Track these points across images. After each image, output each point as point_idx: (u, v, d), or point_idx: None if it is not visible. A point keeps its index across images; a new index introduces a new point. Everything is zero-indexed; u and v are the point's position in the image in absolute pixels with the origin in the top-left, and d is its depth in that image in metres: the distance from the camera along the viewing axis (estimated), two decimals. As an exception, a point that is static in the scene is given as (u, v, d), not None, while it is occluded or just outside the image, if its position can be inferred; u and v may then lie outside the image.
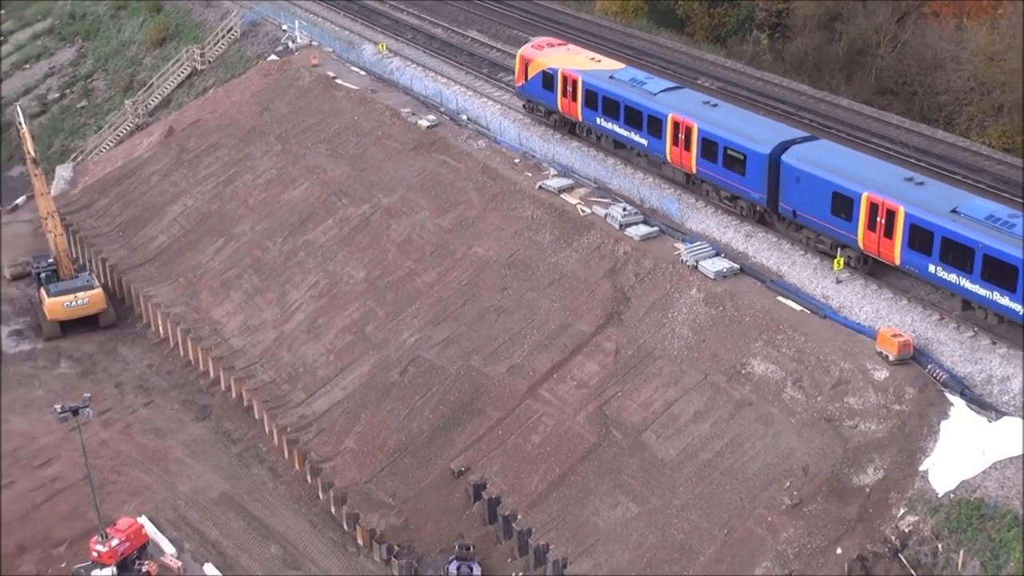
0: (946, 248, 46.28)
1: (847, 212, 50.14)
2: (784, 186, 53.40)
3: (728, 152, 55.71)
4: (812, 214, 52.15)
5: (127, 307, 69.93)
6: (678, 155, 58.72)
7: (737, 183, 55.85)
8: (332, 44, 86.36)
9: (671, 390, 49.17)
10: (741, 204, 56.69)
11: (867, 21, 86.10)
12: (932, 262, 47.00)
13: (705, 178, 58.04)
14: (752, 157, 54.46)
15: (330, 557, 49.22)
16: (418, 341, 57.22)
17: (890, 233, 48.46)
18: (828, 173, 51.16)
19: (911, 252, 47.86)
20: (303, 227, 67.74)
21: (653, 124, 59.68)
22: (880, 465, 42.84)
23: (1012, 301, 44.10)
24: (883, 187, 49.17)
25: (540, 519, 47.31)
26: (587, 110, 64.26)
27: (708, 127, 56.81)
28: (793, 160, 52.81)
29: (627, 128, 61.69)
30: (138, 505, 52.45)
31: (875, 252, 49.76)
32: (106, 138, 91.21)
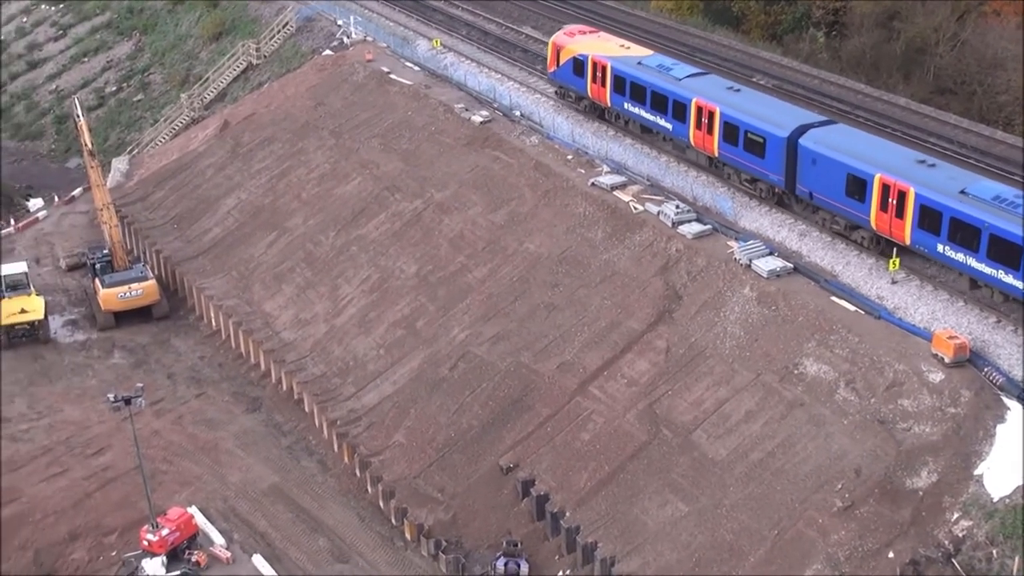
0: (954, 228, 47.47)
1: (861, 194, 51.37)
2: (801, 168, 54.74)
3: (748, 136, 57.16)
4: (827, 196, 53.42)
5: (180, 299, 70.46)
6: (701, 139, 60.26)
7: (757, 166, 57.19)
8: (386, 39, 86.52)
9: (722, 389, 48.80)
10: (760, 186, 58.13)
11: (926, 20, 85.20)
12: (941, 242, 48.16)
13: (727, 161, 59.57)
14: (771, 140, 55.82)
15: (377, 551, 49.31)
16: (468, 337, 57.17)
17: (901, 214, 49.68)
18: (843, 155, 52.49)
19: (921, 232, 49.05)
20: (355, 221, 67.89)
21: (678, 109, 61.30)
22: (934, 468, 42.27)
23: (1016, 279, 45.28)
24: (895, 169, 50.41)
25: (588, 517, 47.12)
26: (615, 95, 65.89)
27: (730, 111, 58.20)
28: (810, 143, 54.17)
29: (653, 113, 63.28)
30: (189, 495, 52.75)
31: (887, 232, 50.87)
32: (162, 131, 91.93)
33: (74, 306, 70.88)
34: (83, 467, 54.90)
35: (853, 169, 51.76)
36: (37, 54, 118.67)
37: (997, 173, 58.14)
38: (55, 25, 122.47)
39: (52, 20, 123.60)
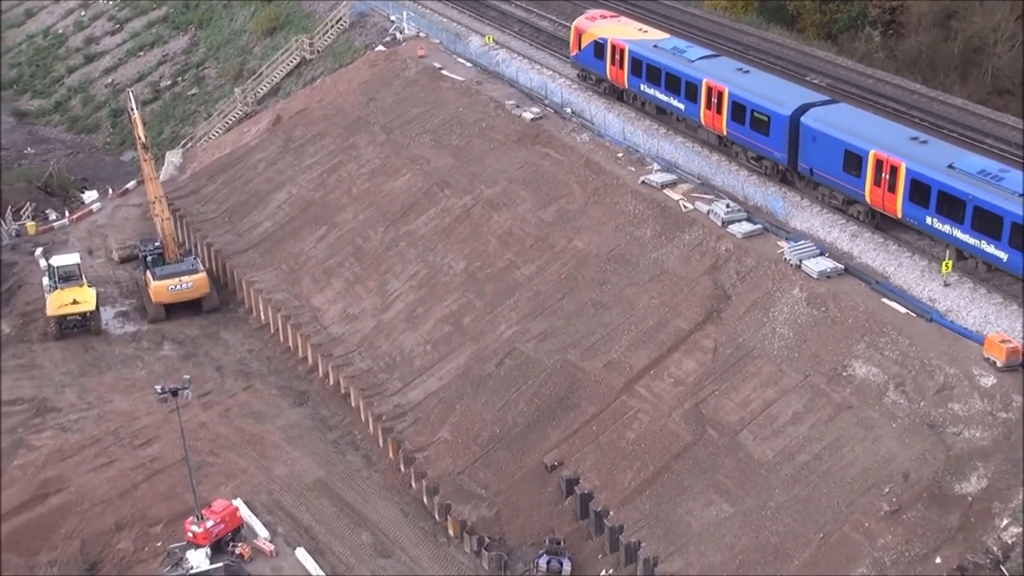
0: (942, 201, 49.66)
1: (857, 169, 53.72)
2: (803, 145, 56.98)
3: (754, 115, 59.38)
4: (827, 171, 55.71)
5: (230, 292, 70.89)
6: (711, 118, 62.49)
7: (762, 143, 59.52)
8: (439, 35, 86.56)
9: (769, 390, 48.34)
10: (766, 163, 60.41)
11: (984, 19, 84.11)
12: (930, 214, 50.39)
13: (735, 140, 61.82)
14: (775, 119, 58.11)
15: (420, 547, 49.29)
16: (515, 334, 57.03)
17: (893, 187, 51.97)
18: (840, 132, 54.77)
19: (911, 205, 51.32)
20: (405, 217, 67.94)
21: (690, 89, 63.51)
22: (984, 474, 41.63)
23: (998, 249, 47.52)
24: (889, 145, 52.73)
25: (632, 516, 46.83)
26: (633, 77, 68.22)
27: (738, 91, 60.43)
28: (811, 121, 56.41)
29: (667, 94, 65.58)
30: (234, 488, 53.02)
31: (880, 206, 53.21)
32: (215, 125, 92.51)
33: (125, 298, 71.52)
34: (131, 458, 55.35)
35: (850, 145, 53.97)
36: (94, 48, 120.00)
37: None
38: (112, 19, 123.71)
39: (109, 14, 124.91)
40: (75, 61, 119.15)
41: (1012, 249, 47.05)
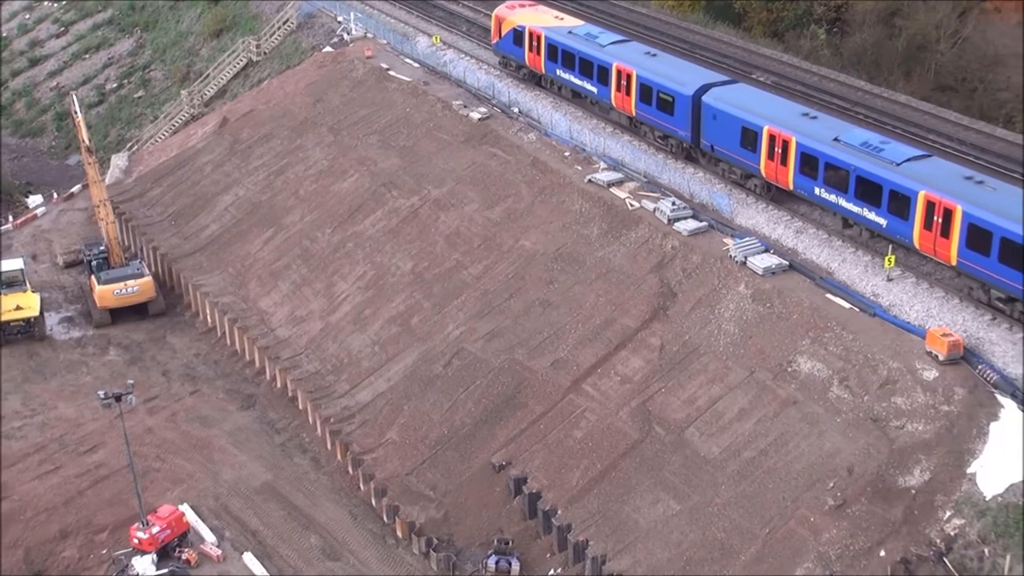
0: (828, 171, 52.64)
1: (753, 144, 56.60)
2: (704, 124, 59.82)
3: (660, 95, 62.06)
4: (726, 148, 58.63)
5: (176, 296, 70.23)
6: (621, 100, 65.13)
7: (668, 123, 62.15)
8: (387, 36, 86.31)
9: (716, 387, 48.52)
10: (671, 142, 63.20)
11: (927, 17, 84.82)
12: (817, 185, 53.40)
13: (643, 120, 64.49)
14: (679, 99, 60.77)
15: (369, 549, 49.06)
16: (463, 334, 56.92)
17: (785, 161, 54.87)
18: (737, 110, 57.72)
19: (802, 177, 54.23)
20: (352, 218, 67.66)
21: (602, 73, 66.13)
22: (927, 467, 41.96)
23: (879, 216, 50.48)
24: (781, 121, 55.67)
25: (580, 515, 46.84)
26: (549, 63, 70.89)
27: (645, 73, 63.10)
28: (711, 100, 59.21)
29: (581, 78, 68.17)
30: (181, 493, 52.53)
31: (774, 179, 56.08)
32: (162, 128, 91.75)
33: (70, 303, 70.72)
34: (75, 464, 54.72)
35: (746, 122, 56.94)
36: (39, 51, 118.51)
37: (996, 170, 57.74)
38: (57, 22, 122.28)
39: (54, 17, 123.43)
40: (19, 64, 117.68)
41: (891, 215, 49.87)
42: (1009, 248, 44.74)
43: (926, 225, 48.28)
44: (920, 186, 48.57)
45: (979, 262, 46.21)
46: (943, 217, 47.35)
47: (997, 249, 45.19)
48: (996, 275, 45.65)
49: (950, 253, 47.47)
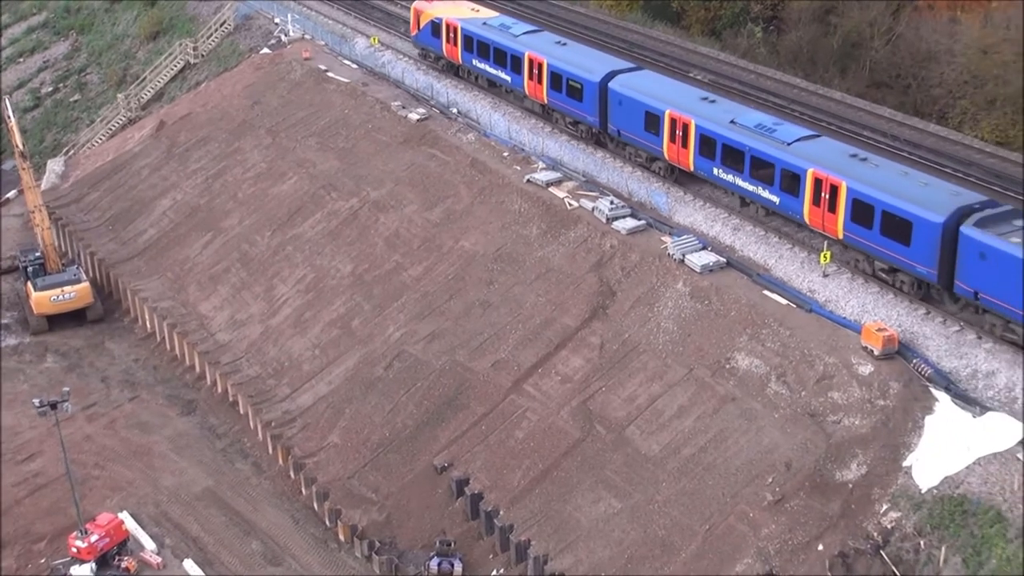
0: (725, 153, 54.61)
1: (656, 128, 58.46)
2: (611, 109, 61.70)
3: (570, 83, 63.87)
4: (632, 132, 60.51)
5: (115, 301, 69.66)
6: (533, 88, 67.01)
7: (577, 109, 63.93)
8: (324, 37, 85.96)
9: (655, 385, 48.78)
10: (581, 128, 65.00)
11: (861, 14, 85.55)
12: (716, 165, 55.37)
13: (555, 107, 66.23)
14: (587, 86, 62.61)
15: (311, 553, 48.92)
16: (403, 336, 56.85)
17: (685, 143, 56.78)
18: (641, 95, 59.55)
19: (701, 158, 56.20)
20: (291, 221, 67.35)
21: (515, 62, 68.07)
22: (863, 461, 42.43)
23: (772, 194, 52.59)
24: (682, 105, 57.60)
25: (522, 515, 46.95)
26: (465, 53, 72.82)
27: (555, 62, 64.93)
28: (617, 86, 61.07)
29: (495, 67, 70.14)
30: (120, 500, 52.15)
31: (676, 161, 58.05)
32: (98, 132, 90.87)
33: (6, 310, 69.88)
34: (12, 473, 54.18)
35: (649, 107, 58.76)
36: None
37: (930, 166, 58.47)
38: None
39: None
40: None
41: (783, 193, 51.98)
42: (890, 221, 47.04)
43: (815, 201, 50.48)
44: (809, 164, 50.76)
45: (863, 235, 48.53)
46: (830, 193, 49.60)
47: (879, 222, 47.54)
48: (878, 247, 48.00)
49: (837, 227, 49.71)
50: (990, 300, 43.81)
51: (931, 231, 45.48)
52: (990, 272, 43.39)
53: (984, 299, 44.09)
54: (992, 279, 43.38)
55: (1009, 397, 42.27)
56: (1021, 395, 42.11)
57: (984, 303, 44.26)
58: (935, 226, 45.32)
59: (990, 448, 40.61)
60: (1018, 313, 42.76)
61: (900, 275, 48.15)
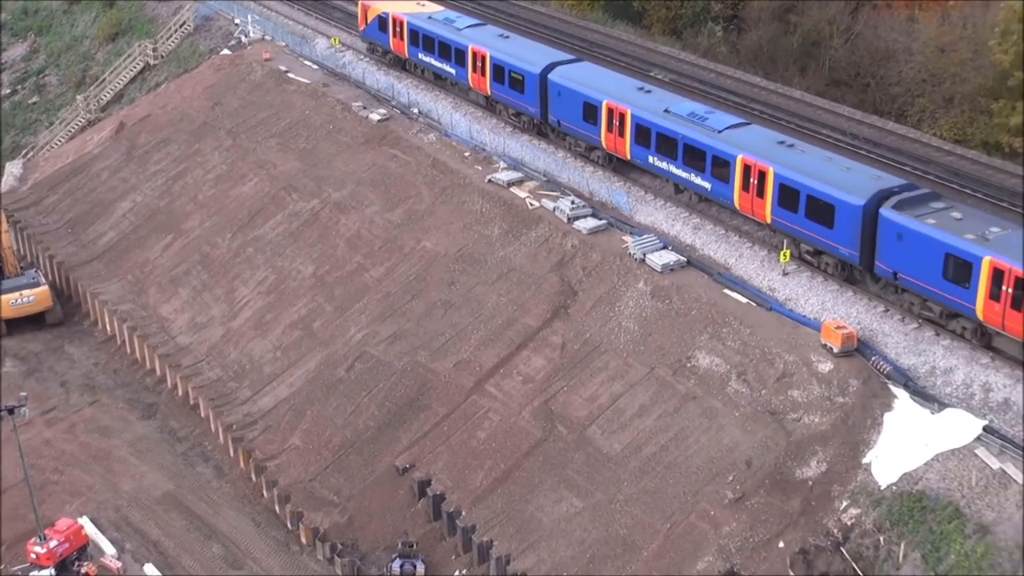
0: (659, 141, 56.01)
1: (593, 118, 59.82)
2: (551, 100, 63.05)
3: (511, 75, 65.33)
4: (570, 122, 61.93)
5: (74, 305, 68.97)
6: (477, 80, 68.41)
7: (519, 100, 65.41)
8: (285, 38, 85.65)
9: (617, 384, 48.84)
10: (523, 118, 66.42)
11: (820, 13, 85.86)
12: (651, 153, 56.79)
13: (498, 99, 67.78)
14: (528, 77, 64.04)
15: (272, 556, 48.63)
16: (365, 337, 56.69)
17: (622, 132, 58.14)
18: (580, 86, 60.90)
19: (637, 147, 57.53)
20: (252, 222, 67.03)
21: (459, 55, 69.47)
22: (823, 458, 42.64)
23: (704, 180, 54.07)
24: (618, 95, 58.91)
25: (484, 515, 46.90)
26: (412, 47, 74.12)
27: (498, 55, 66.31)
28: (556, 77, 62.53)
29: (440, 60, 71.56)
30: (80, 505, 51.65)
31: (613, 149, 59.41)
32: (57, 134, 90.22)
33: (-36, 315, 69.11)
34: (-30, 479, 53.60)
35: (587, 97, 60.09)
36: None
37: (888, 164, 58.86)
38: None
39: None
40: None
41: (714, 179, 53.54)
42: (814, 205, 48.63)
43: (744, 187, 51.99)
44: (738, 151, 52.24)
45: (789, 219, 50.14)
46: (758, 179, 51.11)
47: (804, 206, 49.14)
48: (804, 230, 49.58)
49: (765, 212, 51.30)
50: (908, 280, 45.50)
51: (852, 214, 47.15)
52: (907, 252, 45.07)
53: (903, 279, 45.75)
54: (909, 259, 45.05)
55: (967, 393, 42.60)
56: (978, 391, 42.44)
57: (903, 283, 45.90)
58: (856, 209, 47.03)
59: (948, 444, 40.90)
60: (934, 291, 44.35)
61: (825, 257, 49.74)
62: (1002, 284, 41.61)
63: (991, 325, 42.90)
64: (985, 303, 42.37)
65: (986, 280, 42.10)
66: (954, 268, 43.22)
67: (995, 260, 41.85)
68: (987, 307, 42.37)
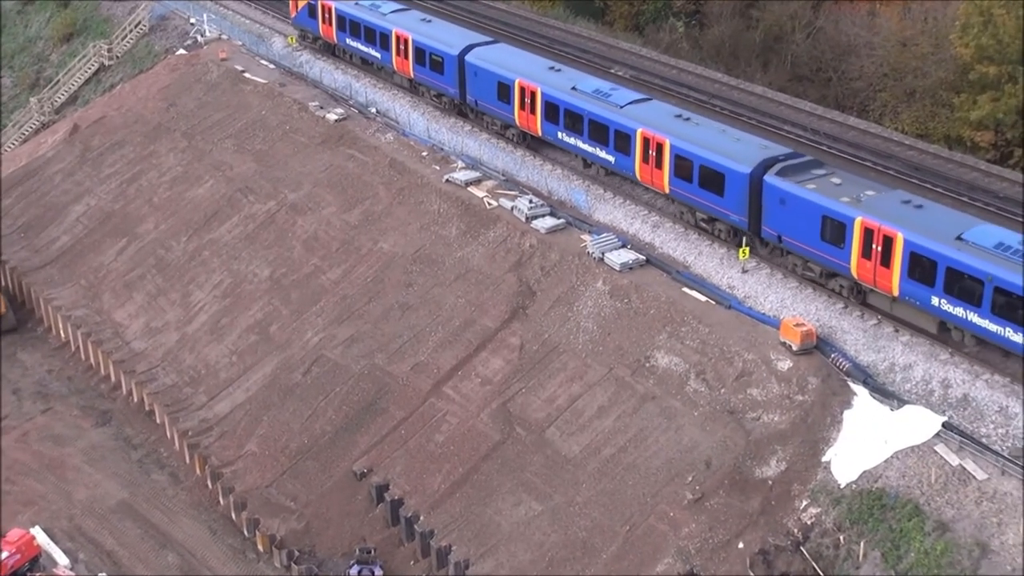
0: (567, 117, 58.03)
1: (507, 97, 61.63)
2: (468, 80, 64.92)
3: (432, 57, 67.15)
4: (487, 101, 63.67)
5: (28, 311, 67.74)
6: (401, 63, 70.19)
7: (439, 82, 67.27)
8: (241, 37, 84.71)
9: (575, 385, 48.31)
10: (444, 100, 68.28)
11: (782, 8, 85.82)
12: (560, 130, 58.75)
13: (420, 82, 69.76)
14: (447, 59, 65.88)
15: (228, 564, 47.88)
16: (322, 340, 55.95)
17: (533, 110, 60.01)
18: (494, 67, 62.82)
19: (547, 123, 59.48)
20: (208, 225, 66.14)
21: (383, 39, 71.24)
22: (783, 457, 42.25)
23: (608, 154, 56.29)
24: (529, 74, 61.03)
25: (443, 520, 46.29)
26: (340, 33, 75.84)
27: (419, 38, 68.20)
28: (473, 59, 64.40)
29: (367, 45, 73.24)
30: (32, 515, 50.76)
31: (526, 127, 61.30)
32: (11, 137, 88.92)
33: (-86, 321, 67.94)
34: (-81, 491, 52.59)
35: (501, 77, 61.98)
36: None
37: (850, 159, 58.59)
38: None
39: None
40: None
41: (617, 152, 55.57)
42: (706, 174, 51.10)
43: (644, 159, 54.11)
44: (638, 124, 54.37)
45: (685, 188, 52.53)
46: (656, 151, 53.37)
47: (697, 175, 51.56)
48: (698, 199, 52.04)
49: (663, 182, 53.55)
50: (791, 242, 48.04)
51: (740, 181, 49.61)
52: (790, 216, 47.59)
53: (786, 241, 48.32)
54: (791, 223, 47.57)
55: (926, 390, 42.28)
56: (937, 387, 42.12)
57: (786, 245, 48.48)
58: (743, 176, 49.49)
59: (908, 441, 40.62)
60: (813, 252, 46.92)
61: (718, 224, 52.11)
62: (872, 243, 44.20)
63: (864, 282, 45.59)
64: (858, 261, 45.05)
65: (858, 240, 44.77)
66: (830, 229, 45.85)
67: (866, 220, 44.47)
68: (860, 265, 45.05)
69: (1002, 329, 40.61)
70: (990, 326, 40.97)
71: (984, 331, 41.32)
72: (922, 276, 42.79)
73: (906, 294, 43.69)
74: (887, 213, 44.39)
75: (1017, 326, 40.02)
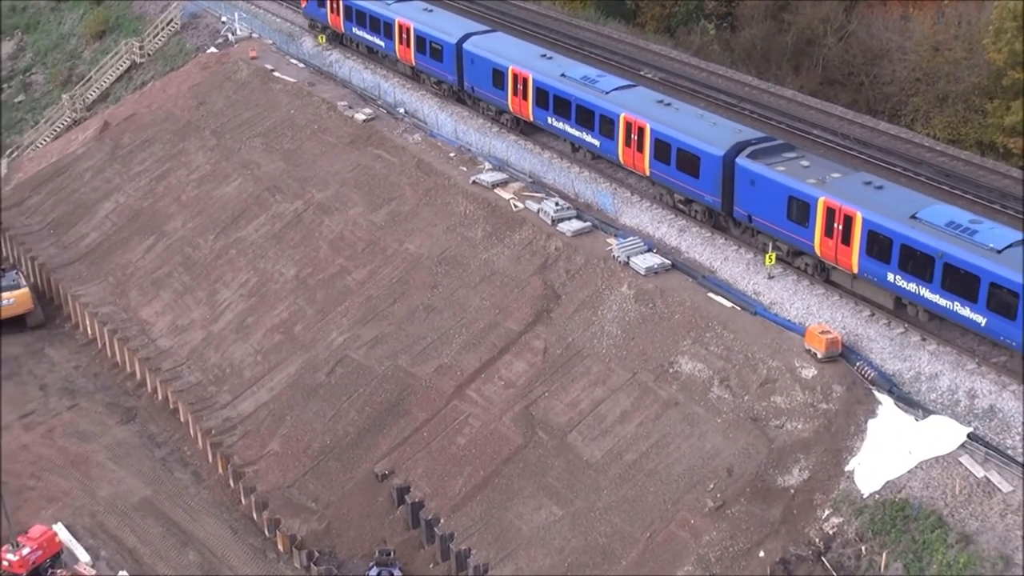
0: (556, 103, 60.43)
1: (501, 83, 64.09)
2: (465, 67, 67.28)
3: (432, 45, 69.72)
4: (482, 88, 66.21)
5: (55, 307, 68.06)
6: (403, 52, 72.79)
7: (439, 69, 69.83)
8: (272, 36, 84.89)
9: (598, 389, 48.06)
10: (444, 86, 70.68)
11: (814, 11, 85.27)
12: (550, 115, 61.09)
13: (421, 69, 72.17)
14: (446, 47, 68.42)
15: (249, 564, 47.85)
16: (346, 340, 55.91)
17: (525, 96, 62.43)
18: (490, 54, 65.15)
19: (538, 109, 61.86)
20: (235, 224, 66.26)
21: (387, 29, 73.97)
22: (805, 465, 41.90)
23: (593, 138, 58.60)
24: (522, 62, 63.24)
25: (463, 523, 46.13)
26: (347, 23, 78.60)
27: (420, 27, 70.78)
28: (470, 47, 66.78)
29: (372, 34, 76.06)
30: (55, 511, 50.94)
31: (519, 112, 63.75)
32: (42, 133, 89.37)
33: (-57, 317, 68.30)
34: (-56, 485, 52.85)
35: (495, 64, 64.30)
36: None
37: (879, 165, 58.09)
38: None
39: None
40: None
41: (602, 136, 57.82)
42: (683, 157, 53.22)
43: (627, 143, 56.31)
44: (621, 110, 56.54)
45: (664, 171, 54.69)
46: (638, 135, 55.52)
47: (675, 158, 53.70)
48: (676, 180, 54.16)
49: (644, 165, 55.80)
50: (760, 222, 50.23)
51: (714, 163, 51.75)
52: (759, 197, 49.75)
53: (756, 221, 50.50)
54: (761, 203, 49.75)
55: (952, 400, 41.83)
56: (963, 397, 41.67)
57: (756, 225, 50.67)
58: (716, 159, 51.63)
59: (932, 452, 40.18)
60: (781, 232, 49.04)
61: (694, 205, 54.45)
62: (834, 222, 46.15)
63: (827, 260, 47.62)
64: (821, 240, 47.06)
65: (822, 219, 46.73)
66: (796, 209, 47.96)
67: (828, 200, 46.49)
68: (823, 244, 47.08)
69: (951, 304, 42.58)
70: (940, 300, 42.98)
71: (935, 306, 43.37)
72: (879, 253, 44.82)
73: (865, 271, 45.73)
74: (848, 193, 46.43)
75: (965, 300, 41.93)
